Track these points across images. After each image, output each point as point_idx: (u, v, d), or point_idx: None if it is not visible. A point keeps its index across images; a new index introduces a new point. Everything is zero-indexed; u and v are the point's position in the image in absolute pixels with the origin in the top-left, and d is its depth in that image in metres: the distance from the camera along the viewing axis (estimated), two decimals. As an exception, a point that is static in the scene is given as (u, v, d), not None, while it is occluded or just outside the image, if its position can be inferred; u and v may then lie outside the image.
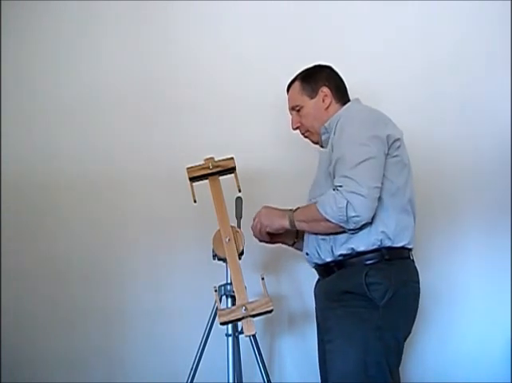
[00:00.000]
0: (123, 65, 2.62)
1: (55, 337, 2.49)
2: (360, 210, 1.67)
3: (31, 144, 2.61)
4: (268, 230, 1.89)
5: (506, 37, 2.45)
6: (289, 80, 2.01)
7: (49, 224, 2.57)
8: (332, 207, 1.69)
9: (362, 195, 1.66)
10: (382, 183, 1.74)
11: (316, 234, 1.83)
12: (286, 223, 1.84)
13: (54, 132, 2.61)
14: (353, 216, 1.67)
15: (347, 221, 1.69)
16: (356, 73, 2.26)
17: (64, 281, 2.52)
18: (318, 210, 1.73)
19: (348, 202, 1.66)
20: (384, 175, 1.75)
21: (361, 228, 1.73)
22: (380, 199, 1.73)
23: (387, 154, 1.76)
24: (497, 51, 2.47)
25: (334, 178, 1.75)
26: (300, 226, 1.83)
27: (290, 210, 1.85)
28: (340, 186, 1.69)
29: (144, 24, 2.63)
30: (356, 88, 2.03)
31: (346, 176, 1.70)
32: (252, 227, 1.93)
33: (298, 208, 1.84)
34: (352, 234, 1.75)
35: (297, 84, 1.97)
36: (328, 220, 1.71)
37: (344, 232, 1.75)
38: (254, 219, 1.93)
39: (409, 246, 1.80)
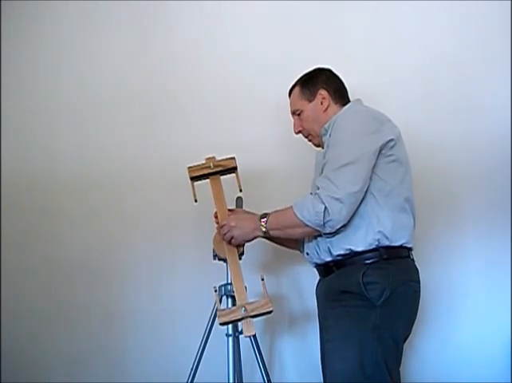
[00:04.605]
0: (123, 65, 2.62)
1: (55, 337, 2.49)
2: (336, 215, 1.68)
3: (31, 143, 2.61)
4: (240, 242, 1.88)
5: (506, 37, 2.45)
6: (291, 85, 2.01)
7: (50, 224, 2.56)
8: (309, 211, 1.70)
9: (339, 201, 1.68)
10: (375, 184, 1.75)
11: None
12: (259, 234, 1.84)
13: (54, 132, 2.61)
14: (329, 220, 1.69)
15: (323, 225, 1.70)
16: (355, 72, 2.26)
17: (65, 281, 2.51)
18: (295, 213, 1.73)
19: (325, 207, 1.68)
20: (377, 175, 1.76)
21: (337, 232, 1.74)
22: (374, 198, 1.75)
23: (381, 154, 1.76)
24: (497, 51, 2.47)
25: None
26: (274, 233, 1.83)
27: (263, 216, 1.82)
28: (319, 188, 1.71)
29: (145, 23, 2.63)
30: (356, 89, 2.04)
31: (328, 178, 1.72)
32: (222, 236, 1.88)
33: (269, 214, 1.81)
34: (328, 238, 1.76)
35: (297, 88, 1.98)
36: (305, 224, 1.72)
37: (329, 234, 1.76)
38: (221, 226, 1.88)
39: (408, 245, 1.80)
